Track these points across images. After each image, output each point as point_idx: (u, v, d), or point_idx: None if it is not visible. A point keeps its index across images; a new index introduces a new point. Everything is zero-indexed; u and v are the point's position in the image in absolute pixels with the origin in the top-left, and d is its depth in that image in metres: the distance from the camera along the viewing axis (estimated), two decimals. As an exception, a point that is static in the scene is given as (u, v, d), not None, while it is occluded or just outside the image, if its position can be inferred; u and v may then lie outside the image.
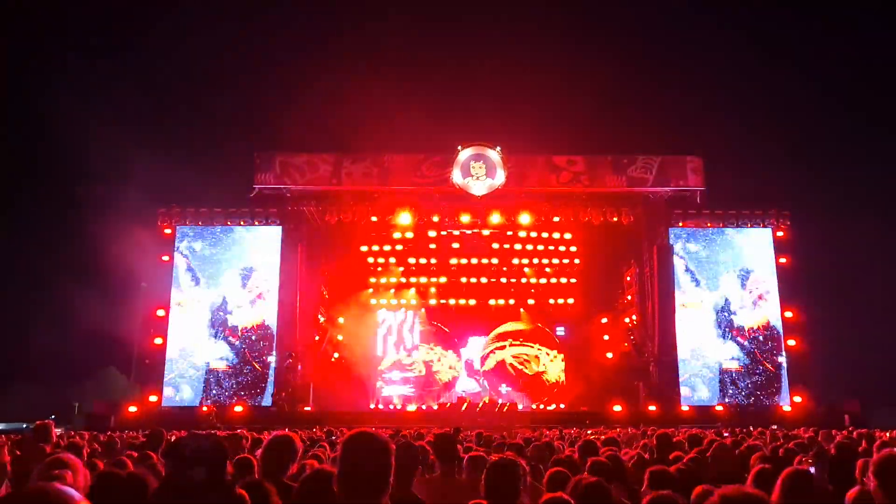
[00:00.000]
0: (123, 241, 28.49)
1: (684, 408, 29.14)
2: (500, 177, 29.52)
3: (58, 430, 11.43)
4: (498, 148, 29.83)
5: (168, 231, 30.98)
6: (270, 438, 4.18)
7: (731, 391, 30.29)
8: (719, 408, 28.96)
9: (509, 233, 33.26)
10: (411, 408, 32.27)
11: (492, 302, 34.95)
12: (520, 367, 35.19)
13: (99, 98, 35.64)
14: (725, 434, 13.63)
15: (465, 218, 30.65)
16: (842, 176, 35.69)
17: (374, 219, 30.89)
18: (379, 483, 2.57)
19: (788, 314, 30.84)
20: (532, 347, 35.55)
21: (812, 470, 6.75)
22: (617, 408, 29.32)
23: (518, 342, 35.54)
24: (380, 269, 34.58)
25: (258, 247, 31.40)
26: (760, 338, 30.97)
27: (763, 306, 31.27)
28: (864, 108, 39.66)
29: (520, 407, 32.10)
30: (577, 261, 34.78)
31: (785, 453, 7.08)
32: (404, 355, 34.93)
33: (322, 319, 32.68)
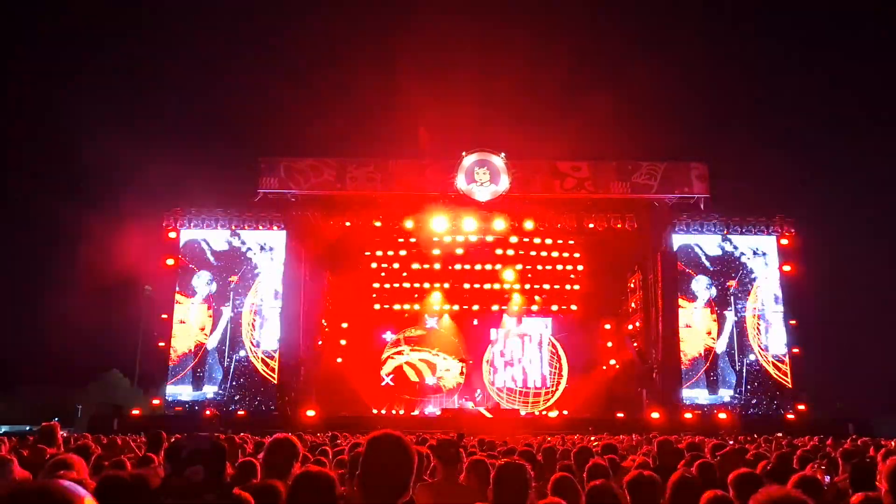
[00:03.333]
0: (128, 244, 28.59)
1: (687, 415, 29.03)
2: (503, 183, 29.54)
3: (62, 433, 11.41)
4: (502, 154, 29.86)
5: (172, 234, 31.03)
6: (272, 441, 4.20)
7: (735, 399, 30.16)
8: (723, 415, 28.83)
9: (513, 239, 33.24)
10: (414, 413, 32.25)
11: (495, 308, 34.90)
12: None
13: (105, 101, 35.80)
14: (730, 442, 13.55)
15: (469, 224, 30.65)
16: (847, 183, 35.70)
17: (377, 224, 30.92)
18: (400, 484, 2.57)
19: (793, 322, 30.72)
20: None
21: (828, 479, 6.70)
22: (620, 415, 29.21)
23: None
24: (383, 273, 34.59)
25: (262, 251, 31.43)
26: (765, 346, 30.86)
27: (767, 314, 31.15)
28: (868, 116, 39.64)
29: (522, 413, 32.03)
30: (580, 267, 34.74)
31: (796, 461, 7.02)
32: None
33: (325, 324, 32.68)
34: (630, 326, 33.06)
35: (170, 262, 30.85)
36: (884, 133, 38.93)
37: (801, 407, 29.49)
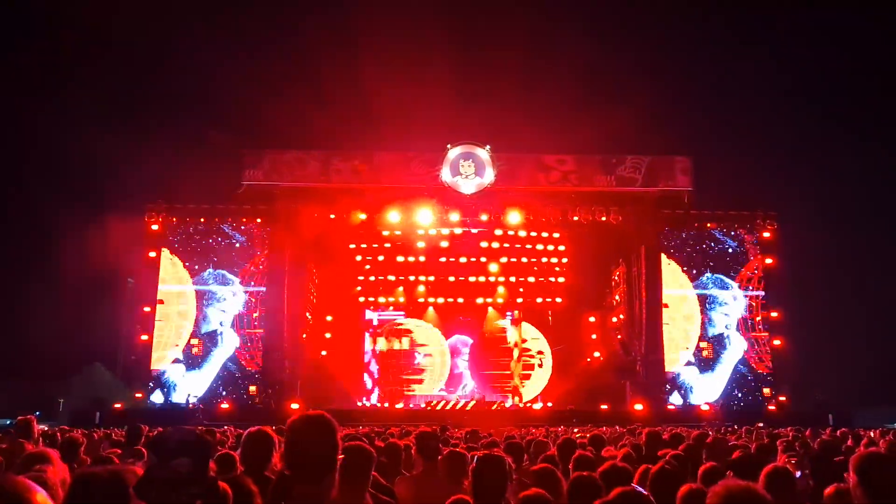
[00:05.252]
0: (110, 236, 28.34)
1: (670, 407, 29.31)
2: (488, 175, 29.58)
3: (43, 427, 11.34)
4: (487, 147, 29.89)
5: (155, 227, 30.82)
6: (247, 434, 4.24)
7: (716, 390, 30.44)
8: (705, 407, 29.11)
9: (498, 231, 33.26)
10: (399, 406, 32.30)
11: (479, 300, 34.93)
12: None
13: (87, 93, 35.40)
14: (711, 433, 13.70)
15: (454, 216, 30.65)
16: (828, 178, 36.00)
17: (362, 216, 30.85)
18: (324, 461, 2.58)
19: (774, 314, 31.05)
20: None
21: (798, 473, 6.81)
22: (604, 406, 29.43)
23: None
24: (368, 266, 34.51)
25: (245, 243, 31.30)
26: (746, 337, 31.14)
27: (749, 306, 31.45)
28: (852, 110, 40.02)
29: (507, 405, 32.17)
30: (565, 260, 34.83)
31: (769, 450, 7.12)
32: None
33: (310, 317, 32.62)
34: (614, 319, 33.26)
35: (152, 254, 30.65)
36: (866, 128, 39.31)
37: (782, 398, 29.85)
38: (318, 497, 2.54)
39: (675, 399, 30.27)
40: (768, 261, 31.52)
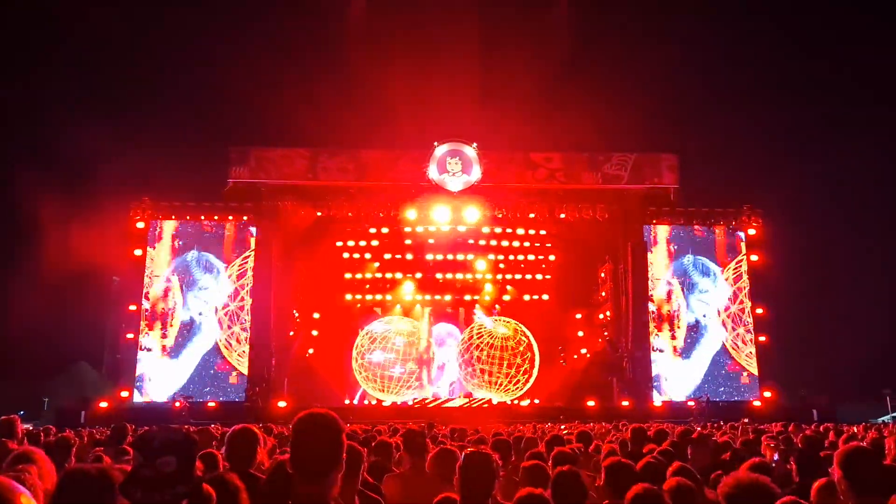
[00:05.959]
0: (95, 234, 28.12)
1: (657, 403, 29.46)
2: (475, 173, 29.62)
3: (28, 426, 11.24)
4: (474, 144, 29.93)
5: (141, 225, 30.61)
6: (231, 432, 4.25)
7: (702, 386, 30.62)
8: (691, 403, 29.29)
9: (485, 229, 33.32)
10: (386, 403, 32.23)
11: (467, 298, 34.96)
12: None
13: (71, 89, 35.13)
14: (697, 428, 13.79)
15: (441, 214, 30.65)
16: (814, 175, 36.23)
17: (349, 214, 30.83)
18: (330, 458, 2.58)
19: (759, 311, 31.26)
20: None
21: (776, 456, 6.88)
22: (591, 403, 29.54)
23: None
24: (355, 264, 34.48)
25: (232, 241, 31.15)
26: (731, 334, 31.34)
27: (734, 303, 31.65)
28: (837, 107, 40.28)
29: (494, 402, 32.18)
30: (552, 257, 34.95)
31: (754, 445, 7.18)
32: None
33: (297, 315, 32.53)
34: (601, 316, 33.38)
35: (138, 252, 30.44)
36: (851, 126, 39.63)
37: (767, 394, 30.08)
38: (321, 496, 2.54)
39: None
40: (754, 257, 31.72)
